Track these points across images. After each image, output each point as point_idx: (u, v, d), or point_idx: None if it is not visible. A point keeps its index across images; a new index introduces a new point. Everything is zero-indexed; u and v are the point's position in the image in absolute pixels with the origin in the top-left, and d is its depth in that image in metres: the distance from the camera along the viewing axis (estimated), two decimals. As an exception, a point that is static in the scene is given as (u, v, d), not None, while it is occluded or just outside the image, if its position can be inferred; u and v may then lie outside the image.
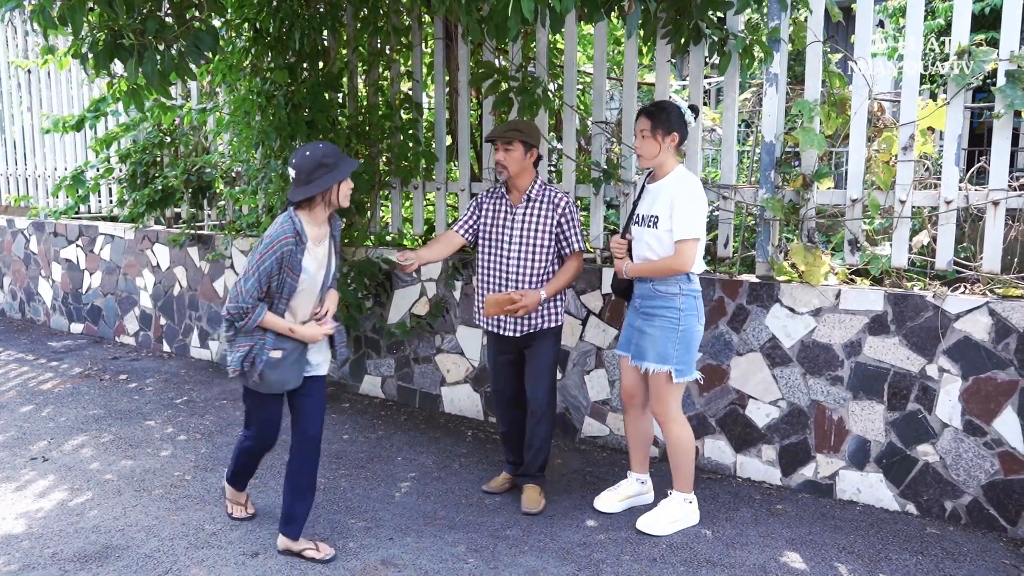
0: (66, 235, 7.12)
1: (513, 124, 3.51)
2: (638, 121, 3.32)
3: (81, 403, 5.22)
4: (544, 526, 3.51)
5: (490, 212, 3.62)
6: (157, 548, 3.32)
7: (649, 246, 3.35)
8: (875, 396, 3.61)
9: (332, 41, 5.03)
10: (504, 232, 3.56)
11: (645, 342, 3.36)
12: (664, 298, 3.32)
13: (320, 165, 2.93)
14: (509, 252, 3.54)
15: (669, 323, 3.31)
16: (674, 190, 3.26)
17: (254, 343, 3.06)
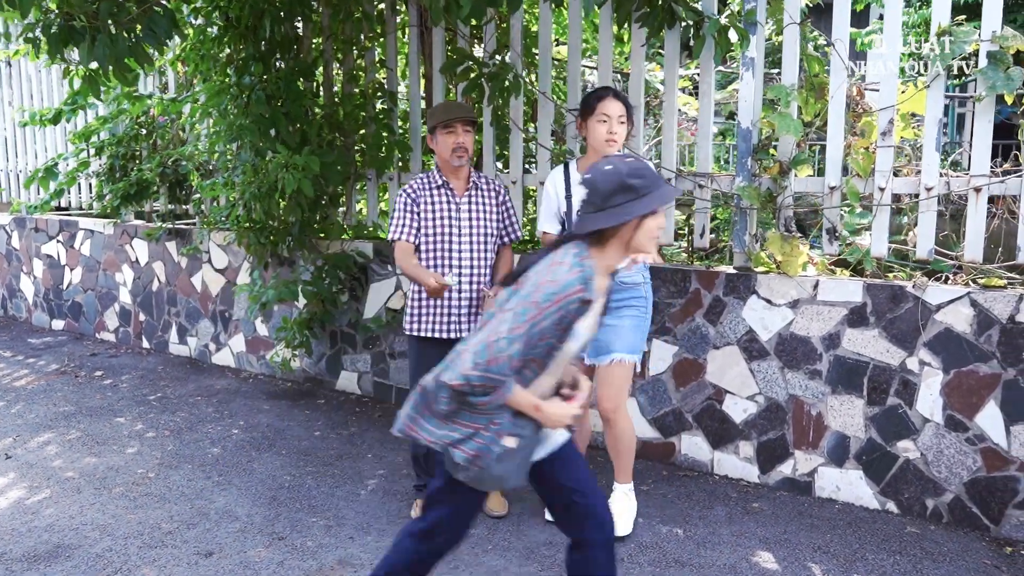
0: (47, 231, 7.04)
1: (468, 105, 3.38)
2: (614, 104, 3.11)
3: (53, 400, 5.12)
4: (511, 525, 3.40)
5: (430, 205, 3.32)
6: (109, 547, 3.21)
7: None
8: (854, 390, 3.48)
9: (306, 30, 4.93)
10: (452, 225, 3.32)
11: (609, 335, 3.20)
12: (630, 288, 3.22)
13: (623, 188, 2.10)
14: (460, 245, 3.32)
15: (639, 312, 3.23)
16: None
17: (484, 426, 2.16)
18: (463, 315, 3.33)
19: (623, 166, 2.12)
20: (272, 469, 4.00)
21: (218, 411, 4.89)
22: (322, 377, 5.31)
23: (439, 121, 3.26)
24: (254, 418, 4.76)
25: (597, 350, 3.23)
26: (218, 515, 3.50)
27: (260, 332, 5.57)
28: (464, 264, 3.32)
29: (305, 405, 4.99)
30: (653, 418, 4.01)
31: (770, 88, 3.50)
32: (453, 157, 3.29)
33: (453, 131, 3.28)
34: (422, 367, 3.35)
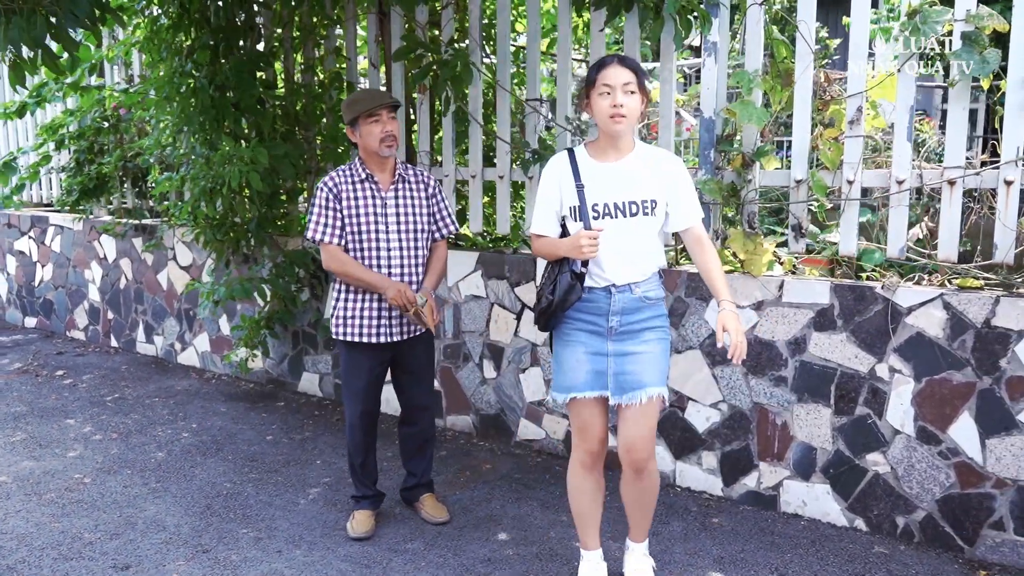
0: (19, 226, 6.90)
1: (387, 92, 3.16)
2: (618, 72, 2.44)
3: (6, 400, 4.98)
4: (451, 539, 3.19)
5: (353, 199, 3.07)
6: (23, 559, 3.04)
7: (644, 239, 2.54)
8: (821, 399, 3.25)
9: (265, 19, 4.75)
10: (379, 221, 3.09)
11: (639, 365, 2.56)
12: (653, 306, 2.60)
13: None
14: (388, 243, 3.09)
15: (664, 334, 2.62)
16: (665, 164, 2.54)
17: None
18: (394, 318, 3.12)
19: None
20: (213, 476, 3.82)
21: (172, 413, 4.71)
22: (284, 379, 5.13)
23: (362, 110, 3.04)
24: (207, 421, 4.58)
25: (623, 385, 2.58)
26: (145, 525, 3.32)
27: (224, 332, 5.40)
28: (393, 262, 3.10)
29: (263, 407, 4.81)
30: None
31: (733, 75, 3.27)
32: (382, 147, 3.06)
33: (379, 119, 3.05)
34: (354, 372, 3.16)
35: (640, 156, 2.56)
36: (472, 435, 4.29)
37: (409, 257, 3.13)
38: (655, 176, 2.54)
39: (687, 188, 2.58)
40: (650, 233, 2.56)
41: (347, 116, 3.09)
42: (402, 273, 3.11)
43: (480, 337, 4.18)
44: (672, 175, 2.55)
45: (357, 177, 3.12)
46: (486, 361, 4.18)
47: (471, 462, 3.97)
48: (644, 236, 2.55)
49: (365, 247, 3.08)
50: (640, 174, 2.53)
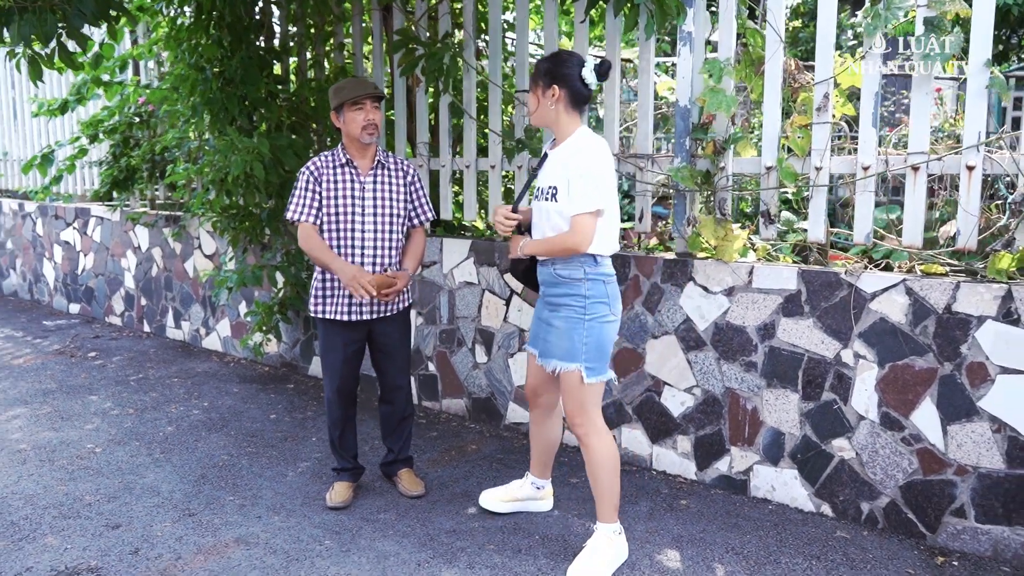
0: (65, 218, 7.31)
1: (374, 82, 3.31)
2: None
3: (40, 378, 5.30)
4: (422, 512, 3.32)
5: (332, 182, 3.21)
6: (27, 516, 3.28)
7: (549, 221, 2.82)
8: (789, 384, 3.27)
9: (281, 16, 4.96)
10: (355, 205, 3.22)
11: (551, 336, 2.85)
12: (568, 284, 2.81)
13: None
14: (364, 226, 3.23)
15: (575, 312, 2.79)
16: (571, 155, 2.76)
17: None
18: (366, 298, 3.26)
19: None
20: (213, 449, 4.02)
21: (188, 392, 4.96)
22: (296, 362, 5.34)
23: (347, 98, 3.19)
24: (219, 400, 4.81)
25: (543, 351, 2.91)
26: (142, 490, 3.53)
27: (244, 317, 5.63)
28: (367, 246, 3.24)
29: (273, 389, 5.02)
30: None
31: (705, 63, 3.32)
32: (363, 134, 3.21)
33: (362, 108, 3.19)
34: (330, 348, 3.32)
35: (564, 147, 2.82)
36: (465, 418, 4.42)
37: (383, 241, 3.27)
38: (561, 167, 2.78)
39: (576, 179, 2.72)
40: (555, 216, 2.79)
41: (333, 102, 3.24)
42: (375, 256, 3.25)
43: (472, 323, 4.30)
44: (569, 165, 2.75)
45: (338, 161, 3.27)
46: (478, 346, 4.30)
47: (459, 443, 4.09)
48: (551, 218, 2.81)
49: (340, 229, 3.23)
50: (554, 165, 2.83)
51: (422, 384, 4.60)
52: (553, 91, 2.78)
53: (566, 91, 2.78)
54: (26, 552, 2.98)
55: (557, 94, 2.78)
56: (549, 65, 2.80)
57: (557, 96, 2.78)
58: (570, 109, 2.81)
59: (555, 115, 2.81)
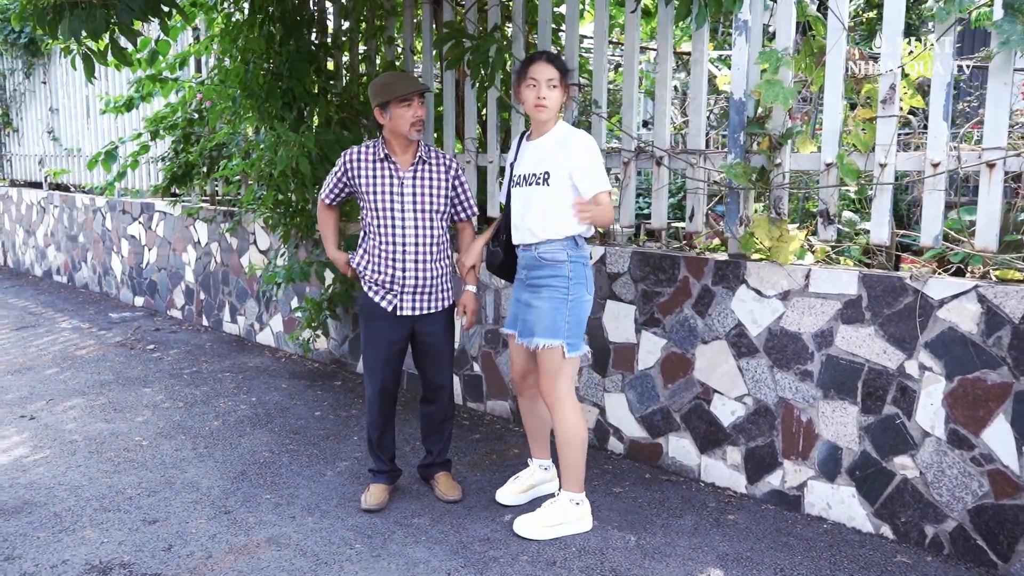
0: (131, 212, 7.49)
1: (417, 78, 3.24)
2: (542, 68, 2.93)
3: (99, 369, 5.42)
4: (457, 517, 3.22)
5: (371, 177, 3.17)
6: (69, 508, 3.31)
7: (539, 205, 2.98)
8: (848, 396, 3.06)
9: (334, 10, 4.94)
10: (394, 200, 3.16)
11: (532, 316, 3.01)
12: (551, 266, 2.99)
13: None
14: (404, 222, 3.16)
15: (558, 293, 2.98)
16: (566, 142, 2.96)
17: None
18: (406, 293, 3.19)
19: None
20: (256, 445, 4.02)
21: (238, 387, 4.99)
22: (344, 359, 5.32)
23: (396, 95, 3.10)
24: (267, 396, 4.82)
25: (524, 330, 3.06)
26: (182, 485, 3.54)
27: (294, 313, 5.65)
28: (408, 242, 3.17)
29: (320, 386, 5.01)
30: (641, 416, 3.71)
31: (761, 53, 3.13)
32: (412, 131, 3.14)
33: (410, 104, 3.12)
34: (372, 346, 3.29)
35: (555, 134, 3.00)
36: (509, 420, 4.31)
37: (424, 236, 3.19)
38: (557, 153, 2.94)
39: (582, 163, 2.92)
40: (545, 200, 2.96)
41: (378, 98, 3.16)
42: (416, 252, 3.18)
43: (518, 323, 4.19)
44: (571, 152, 2.93)
45: (377, 156, 3.21)
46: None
47: (500, 446, 3.99)
48: (540, 201, 2.97)
49: (382, 224, 3.18)
50: (544, 151, 2.98)
51: (467, 385, 4.51)
52: (571, 90, 3.08)
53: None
54: (64, 545, 3.01)
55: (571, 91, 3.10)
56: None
57: (570, 93, 3.09)
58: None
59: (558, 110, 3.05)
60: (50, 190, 9.12)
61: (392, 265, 3.17)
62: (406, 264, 3.17)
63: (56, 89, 8.87)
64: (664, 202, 3.62)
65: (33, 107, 9.48)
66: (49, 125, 9.08)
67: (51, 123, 9.06)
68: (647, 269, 3.62)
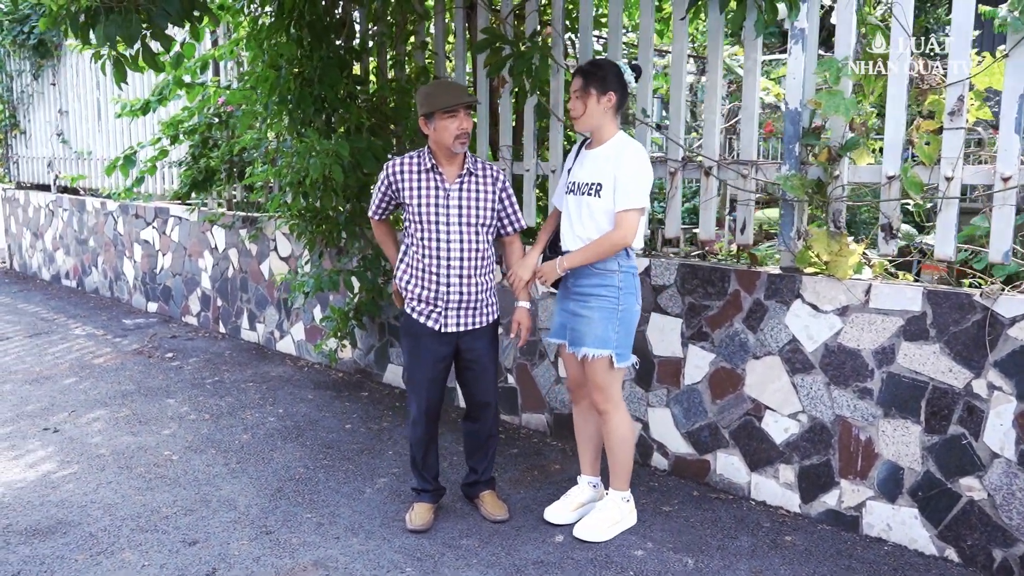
0: (145, 217, 7.38)
1: (466, 88, 3.16)
2: (574, 81, 3.00)
3: (119, 379, 5.31)
4: (507, 538, 3.14)
5: (416, 188, 3.08)
6: (105, 527, 3.22)
7: (591, 216, 2.99)
8: (910, 414, 2.98)
9: (361, 15, 4.85)
10: (440, 212, 3.07)
11: (581, 326, 3.03)
12: (601, 275, 3.00)
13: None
14: (449, 236, 3.06)
15: (608, 303, 3.00)
16: (617, 155, 2.96)
17: None
18: (451, 309, 3.10)
19: None
20: (290, 460, 3.93)
21: (263, 398, 4.90)
22: (370, 369, 5.23)
23: (442, 106, 3.01)
24: (294, 407, 4.73)
25: (573, 340, 3.08)
26: (219, 503, 3.45)
27: (319, 322, 5.56)
28: (453, 256, 3.08)
29: (347, 396, 4.92)
30: (687, 432, 3.63)
31: (820, 63, 3.05)
32: (456, 144, 3.04)
33: (455, 116, 3.01)
34: (417, 365, 3.18)
35: (609, 146, 2.99)
36: (546, 434, 4.23)
37: (470, 251, 3.10)
38: (609, 165, 2.94)
39: (622, 175, 2.91)
40: (597, 211, 2.96)
41: (423, 108, 3.07)
42: (461, 266, 3.08)
43: (555, 335, 4.10)
44: (618, 162, 2.92)
45: (423, 166, 3.11)
46: (561, 360, 4.10)
47: (540, 461, 3.90)
48: (592, 213, 2.96)
49: (426, 237, 3.09)
50: (599, 162, 2.98)
51: (502, 397, 4.42)
52: (609, 97, 2.96)
53: (618, 96, 2.98)
54: (104, 568, 2.91)
55: (612, 100, 2.97)
56: (602, 72, 2.96)
57: (612, 102, 2.97)
58: (615, 113, 3.00)
59: (601, 119, 2.99)
60: (59, 193, 9.00)
61: (436, 280, 3.08)
62: (451, 279, 3.08)
63: (66, 91, 8.75)
64: (712, 214, 3.54)
65: (41, 109, 9.36)
66: (58, 127, 8.97)
67: (60, 125, 8.94)
68: (695, 282, 3.54)
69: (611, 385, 3.05)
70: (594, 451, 3.30)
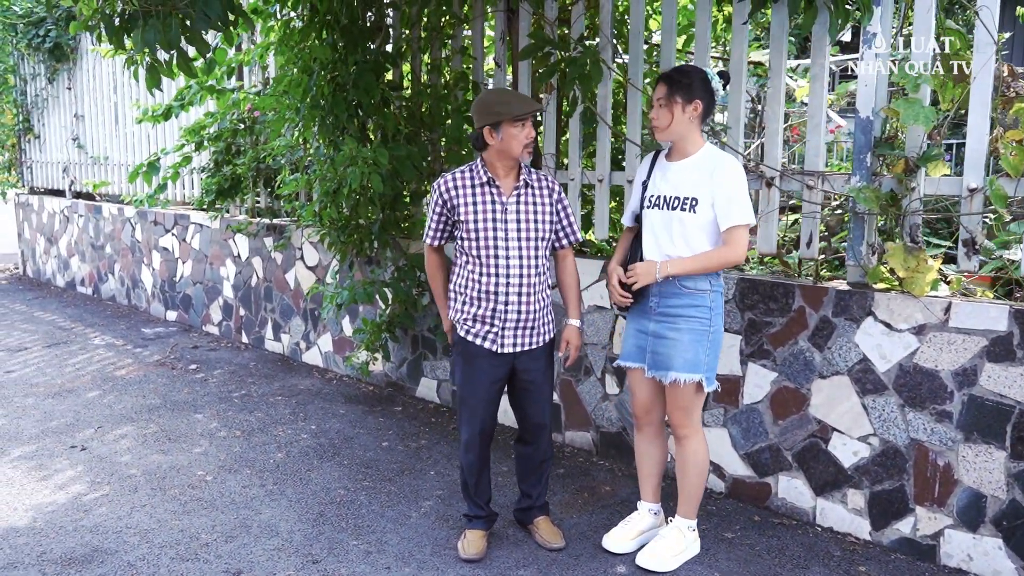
0: (164, 224, 7.25)
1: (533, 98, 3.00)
2: (656, 88, 2.84)
3: (144, 392, 5.18)
4: (566, 568, 2.99)
5: (472, 206, 2.92)
6: (143, 556, 3.08)
7: (683, 233, 2.81)
8: (994, 440, 2.83)
9: (395, 19, 4.71)
10: (498, 228, 2.91)
11: (668, 348, 2.85)
12: (692, 295, 2.83)
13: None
14: (508, 251, 2.91)
15: (700, 324, 2.83)
16: (717, 167, 2.78)
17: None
18: (508, 329, 2.95)
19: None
20: (328, 480, 3.78)
21: (294, 413, 4.75)
22: (403, 383, 5.09)
23: (513, 114, 2.84)
24: (327, 423, 4.58)
25: (655, 363, 2.90)
26: (260, 529, 3.30)
27: (347, 332, 5.42)
28: (512, 273, 2.92)
29: (381, 412, 4.77)
30: (746, 453, 3.48)
31: (897, 69, 2.90)
32: (524, 153, 2.90)
33: (524, 124, 2.87)
34: (471, 388, 3.02)
35: (700, 158, 2.82)
36: (592, 453, 4.08)
37: (528, 267, 2.95)
38: (704, 179, 2.77)
39: (726, 190, 2.75)
40: (691, 228, 2.79)
41: (490, 117, 2.87)
42: (520, 282, 2.93)
43: (603, 350, 3.96)
44: (717, 177, 2.76)
45: (478, 180, 2.96)
46: (608, 376, 3.95)
47: (590, 483, 3.75)
48: (685, 229, 2.79)
49: (483, 254, 2.93)
50: (690, 175, 2.80)
51: (543, 413, 4.28)
52: (695, 105, 2.79)
53: (704, 105, 2.81)
54: (147, 602, 2.77)
55: (699, 109, 2.80)
56: (688, 79, 2.80)
57: (698, 111, 2.80)
58: (700, 123, 2.84)
59: (688, 129, 2.82)
60: (74, 198, 8.87)
61: (494, 299, 2.93)
62: (509, 297, 2.93)
63: (82, 95, 8.62)
64: (774, 226, 3.39)
65: (56, 113, 9.23)
66: (74, 132, 8.84)
67: (76, 130, 8.82)
68: (755, 297, 3.39)
69: (695, 410, 2.91)
70: (658, 477, 3.15)
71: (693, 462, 2.96)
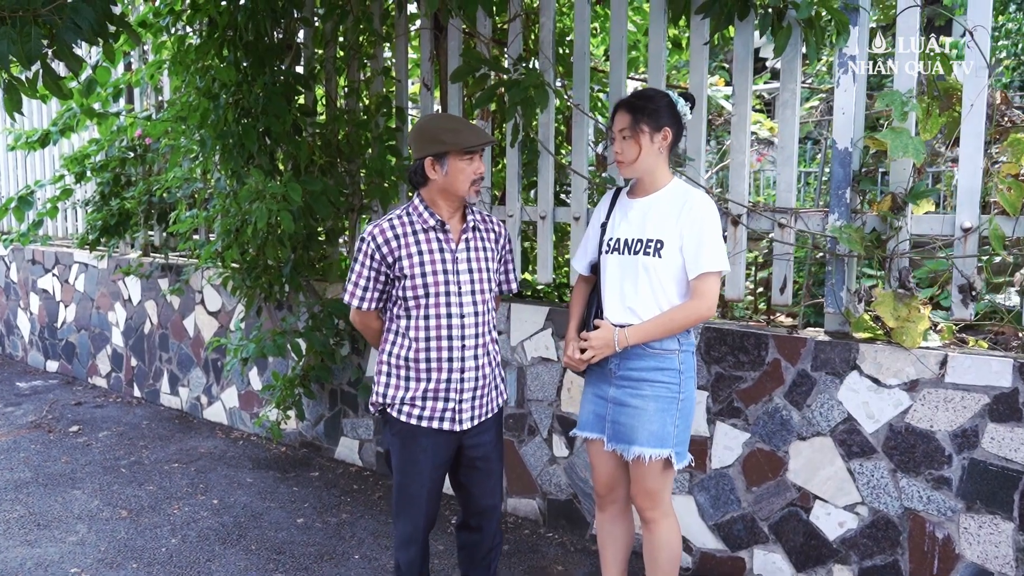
0: (43, 263, 6.45)
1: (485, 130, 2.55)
2: (617, 118, 2.43)
3: (12, 463, 4.43)
4: None
5: (418, 256, 2.41)
6: None
7: (648, 281, 2.38)
8: (1000, 509, 2.52)
9: (306, 37, 4.21)
10: (450, 280, 2.42)
11: (631, 419, 2.42)
12: (658, 357, 2.40)
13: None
14: (462, 308, 2.44)
15: (667, 390, 2.40)
16: (683, 206, 2.37)
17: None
18: (465, 402, 2.47)
19: None
20: (233, 573, 3.20)
21: (192, 484, 4.12)
22: (319, 443, 4.52)
23: (464, 145, 2.37)
24: (231, 495, 3.97)
25: (617, 435, 2.46)
26: (146, 646, 2.70)
27: (254, 385, 4.82)
28: (468, 334, 2.44)
29: (295, 478, 4.19)
30: (716, 524, 3.10)
31: (881, 95, 2.60)
32: (471, 191, 2.43)
33: (473, 158, 2.40)
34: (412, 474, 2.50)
35: (667, 194, 2.42)
36: (539, 523, 3.62)
37: (483, 324, 2.49)
38: (671, 218, 2.37)
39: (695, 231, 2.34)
40: (657, 276, 2.37)
41: (433, 147, 2.38)
42: (477, 344, 2.46)
43: (549, 407, 3.52)
44: (685, 216, 2.36)
45: (420, 225, 2.45)
46: (556, 436, 3.52)
47: (540, 561, 3.29)
48: (651, 278, 2.37)
49: (432, 313, 2.42)
50: (655, 213, 2.40)
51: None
52: (664, 134, 2.40)
53: (672, 133, 2.42)
54: None
55: (668, 136, 2.41)
56: (654, 104, 2.40)
57: (667, 139, 2.41)
58: (668, 153, 2.45)
59: (656, 162, 2.43)
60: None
61: (447, 368, 2.43)
62: (465, 363, 2.45)
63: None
64: (741, 269, 3.04)
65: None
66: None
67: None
68: (723, 349, 3.02)
69: (663, 490, 2.48)
70: (624, 563, 2.71)
71: (664, 550, 2.52)
